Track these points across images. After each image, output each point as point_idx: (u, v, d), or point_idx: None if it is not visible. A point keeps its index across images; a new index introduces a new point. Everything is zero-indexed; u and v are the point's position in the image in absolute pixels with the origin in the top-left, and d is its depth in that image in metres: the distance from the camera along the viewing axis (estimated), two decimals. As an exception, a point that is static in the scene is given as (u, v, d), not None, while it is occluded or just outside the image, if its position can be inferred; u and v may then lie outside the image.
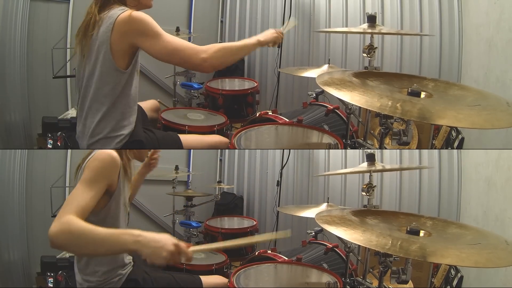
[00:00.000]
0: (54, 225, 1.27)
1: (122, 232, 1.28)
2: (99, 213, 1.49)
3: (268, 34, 1.88)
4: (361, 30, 2.11)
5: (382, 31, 2.10)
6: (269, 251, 2.40)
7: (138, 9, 1.75)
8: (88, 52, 1.71)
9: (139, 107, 2.07)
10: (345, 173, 3.49)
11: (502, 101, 1.33)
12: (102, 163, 1.46)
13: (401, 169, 3.24)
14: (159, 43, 1.65)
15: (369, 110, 2.23)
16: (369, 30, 2.04)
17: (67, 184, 3.18)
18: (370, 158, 2.03)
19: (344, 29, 3.60)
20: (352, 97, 1.34)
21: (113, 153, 1.49)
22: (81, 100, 1.78)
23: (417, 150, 3.32)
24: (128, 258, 1.67)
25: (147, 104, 2.26)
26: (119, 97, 1.73)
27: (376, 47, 2.02)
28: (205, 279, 1.83)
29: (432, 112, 1.22)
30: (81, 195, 1.38)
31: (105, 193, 1.49)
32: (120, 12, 1.66)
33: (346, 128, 2.25)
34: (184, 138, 2.02)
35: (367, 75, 1.57)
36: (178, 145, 1.99)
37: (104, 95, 1.72)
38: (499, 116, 1.22)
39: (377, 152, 2.04)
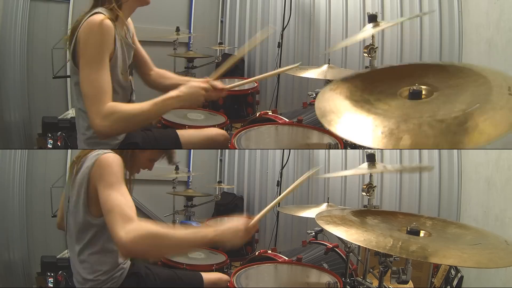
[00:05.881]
0: (125, 234, 1.23)
1: (198, 228, 1.35)
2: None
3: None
4: (363, 35, 2.07)
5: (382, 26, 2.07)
6: (269, 251, 2.40)
7: (134, 7, 1.68)
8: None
9: None
10: (346, 175, 3.49)
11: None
12: (118, 164, 1.44)
13: (402, 171, 3.24)
14: (84, 72, 1.48)
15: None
16: (370, 32, 2.03)
17: (67, 184, 3.17)
18: (370, 158, 2.03)
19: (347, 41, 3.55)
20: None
21: (116, 154, 1.48)
22: (73, 103, 1.76)
23: (417, 150, 3.32)
24: None
25: None
26: None
27: (376, 47, 2.01)
28: (206, 276, 1.83)
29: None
30: (125, 197, 1.35)
31: None
32: (91, 14, 1.54)
33: (346, 128, 2.24)
34: (182, 133, 2.01)
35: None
36: (176, 141, 1.97)
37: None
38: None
39: (377, 152, 2.04)
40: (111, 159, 1.45)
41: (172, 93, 1.53)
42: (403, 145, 1.05)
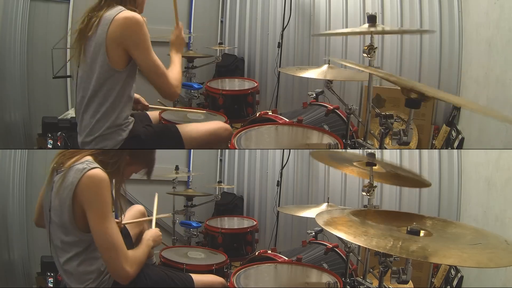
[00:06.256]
0: (129, 268, 1.48)
1: (144, 241, 1.70)
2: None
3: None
4: (361, 31, 2.10)
5: (384, 29, 2.09)
6: (269, 251, 2.41)
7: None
8: (85, 52, 1.72)
9: (145, 114, 2.08)
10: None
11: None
12: (107, 187, 1.46)
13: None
14: (150, 57, 1.73)
15: (369, 110, 2.23)
16: (370, 30, 2.03)
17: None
18: (370, 157, 2.03)
19: (344, 30, 3.59)
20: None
21: (103, 173, 1.48)
22: (79, 100, 1.78)
23: (417, 150, 3.32)
24: None
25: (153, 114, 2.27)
26: (118, 96, 1.73)
27: (376, 47, 2.01)
28: (198, 278, 1.81)
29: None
30: (116, 227, 1.48)
31: None
32: (117, 13, 1.66)
33: (346, 128, 2.25)
34: (183, 128, 2.01)
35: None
36: (177, 135, 1.97)
37: (103, 95, 1.72)
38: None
39: (377, 152, 2.04)
40: (100, 181, 1.44)
41: (144, 238, 1.77)
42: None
